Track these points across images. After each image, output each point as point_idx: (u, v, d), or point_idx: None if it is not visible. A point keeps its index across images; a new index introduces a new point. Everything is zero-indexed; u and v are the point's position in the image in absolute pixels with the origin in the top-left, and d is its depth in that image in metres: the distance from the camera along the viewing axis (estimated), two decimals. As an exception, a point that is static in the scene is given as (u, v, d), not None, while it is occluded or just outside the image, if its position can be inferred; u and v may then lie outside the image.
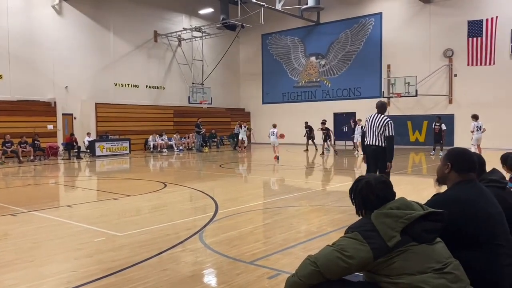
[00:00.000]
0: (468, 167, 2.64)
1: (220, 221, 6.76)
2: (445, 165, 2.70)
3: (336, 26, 27.46)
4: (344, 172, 14.74)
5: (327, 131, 20.45)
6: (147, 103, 25.90)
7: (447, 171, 2.69)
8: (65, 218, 7.23)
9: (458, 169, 2.64)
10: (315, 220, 6.76)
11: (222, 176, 13.34)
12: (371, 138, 7.27)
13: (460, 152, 2.73)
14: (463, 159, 2.67)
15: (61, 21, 22.16)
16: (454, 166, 2.65)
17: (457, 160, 2.66)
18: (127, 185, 11.69)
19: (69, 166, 17.29)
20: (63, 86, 22.06)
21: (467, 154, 2.71)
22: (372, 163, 7.40)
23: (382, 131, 7.16)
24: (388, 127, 7.14)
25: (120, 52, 24.72)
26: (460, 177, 2.63)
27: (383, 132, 7.16)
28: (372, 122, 7.29)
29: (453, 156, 2.71)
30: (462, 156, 2.68)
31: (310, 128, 22.16)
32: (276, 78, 30.56)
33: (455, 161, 2.66)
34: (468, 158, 2.67)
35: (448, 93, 23.17)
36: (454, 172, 2.65)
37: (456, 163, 2.65)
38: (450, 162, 2.68)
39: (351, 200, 2.47)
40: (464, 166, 2.64)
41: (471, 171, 2.64)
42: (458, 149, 2.78)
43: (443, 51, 23.17)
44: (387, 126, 7.15)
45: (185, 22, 28.15)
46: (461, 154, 2.71)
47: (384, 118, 7.24)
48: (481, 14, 21.73)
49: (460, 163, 2.65)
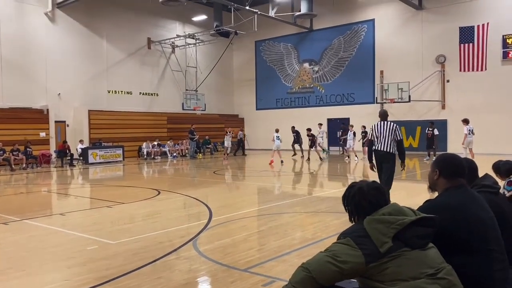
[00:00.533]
0: (456, 172, 2.64)
1: (214, 228, 6.74)
2: (433, 171, 2.72)
3: (329, 33, 27.63)
4: (338, 178, 14.76)
5: (312, 138, 20.64)
6: (141, 110, 25.84)
7: (436, 178, 2.70)
8: (58, 226, 7.17)
9: (447, 175, 2.65)
10: (310, 226, 6.76)
11: (216, 183, 13.31)
12: (381, 144, 7.66)
13: (448, 158, 2.74)
14: (451, 165, 2.67)
15: (54, 28, 22.12)
16: (443, 172, 2.66)
17: (445, 166, 2.67)
18: (120, 192, 11.63)
19: (61, 174, 17.18)
20: (56, 93, 21.96)
21: (455, 159, 2.72)
22: (380, 167, 7.82)
23: (392, 137, 7.62)
24: (397, 132, 7.66)
25: (113, 59, 24.68)
26: (449, 183, 2.64)
27: (393, 137, 7.62)
28: (380, 129, 7.70)
29: (441, 162, 2.72)
30: (449, 162, 2.69)
31: (297, 133, 22.24)
32: (270, 84, 30.65)
33: (443, 167, 2.67)
34: (456, 164, 2.68)
35: (441, 99, 23.34)
36: (443, 178, 2.66)
37: (444, 169, 2.66)
38: (438, 168, 2.69)
39: (344, 206, 2.47)
40: (453, 172, 2.65)
41: (460, 176, 2.64)
42: (446, 155, 2.80)
43: (436, 57, 23.36)
44: (396, 131, 7.65)
45: (179, 29, 28.19)
46: (449, 160, 2.72)
47: (392, 124, 7.74)
48: (472, 21, 21.97)
49: (448, 169, 2.66)
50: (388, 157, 7.62)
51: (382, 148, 7.65)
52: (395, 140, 7.60)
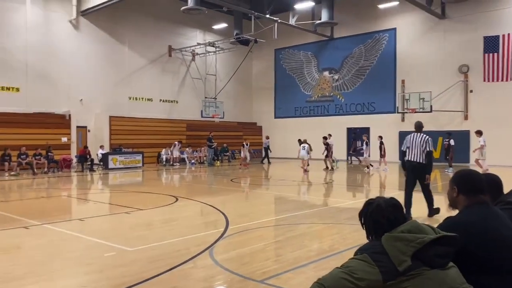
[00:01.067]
0: (475, 189, 2.55)
1: (231, 237, 6.71)
2: (452, 188, 2.64)
3: (349, 41, 27.49)
4: (357, 189, 14.58)
5: (327, 146, 20.54)
6: (161, 116, 26.11)
7: (455, 195, 2.62)
8: (77, 231, 7.25)
9: (466, 191, 2.57)
10: (327, 238, 6.67)
11: (233, 191, 13.30)
12: (414, 155, 8.06)
13: (466, 174, 2.66)
14: (469, 181, 2.58)
15: (78, 35, 22.60)
16: (461, 189, 2.58)
17: (463, 182, 2.59)
18: (139, 198, 11.72)
19: (82, 179, 17.44)
20: (78, 99, 22.38)
21: (473, 175, 2.63)
22: (411, 177, 8.20)
23: (424, 148, 7.99)
24: (428, 144, 8.03)
25: (134, 66, 25.06)
26: (469, 200, 2.55)
27: (424, 149, 7.98)
28: (414, 141, 8.11)
29: (458, 178, 2.63)
30: (468, 178, 2.60)
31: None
32: (289, 92, 30.62)
33: (461, 184, 2.59)
34: (475, 180, 2.59)
35: (463, 109, 22.91)
36: (462, 195, 2.58)
37: (463, 186, 2.58)
38: (456, 185, 2.61)
39: (361, 224, 2.42)
40: (472, 189, 2.56)
41: (480, 193, 2.55)
42: (464, 171, 2.71)
43: (458, 67, 22.98)
44: (428, 143, 8.04)
45: (199, 37, 28.47)
46: (467, 176, 2.63)
47: (425, 136, 8.10)
48: (497, 30, 21.57)
49: (466, 186, 2.57)
50: (421, 168, 7.98)
51: (414, 158, 8.04)
52: (426, 151, 7.92)
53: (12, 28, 20.18)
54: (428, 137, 8.08)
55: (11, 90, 20.17)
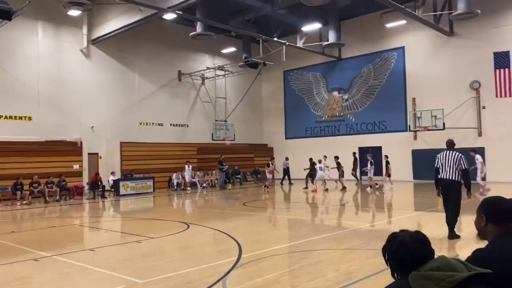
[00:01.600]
0: (505, 217, 2.36)
1: (244, 266, 6.49)
2: (480, 217, 2.44)
3: (358, 61, 27.48)
4: (372, 210, 14.26)
5: (338, 166, 20.64)
6: (172, 141, 26.14)
7: (483, 224, 2.43)
8: (87, 263, 7.09)
9: (495, 220, 2.37)
10: (344, 265, 6.40)
11: (245, 216, 13.07)
12: (447, 173, 8.06)
13: (494, 201, 2.46)
14: (498, 209, 2.39)
15: (89, 63, 22.92)
16: (490, 218, 2.39)
17: (492, 211, 2.40)
18: (150, 226, 11.57)
19: (93, 206, 17.36)
20: (89, 126, 22.53)
21: (502, 202, 2.44)
22: (445, 194, 8.22)
23: (457, 166, 8.00)
24: (462, 161, 8.02)
25: (145, 92, 25.27)
26: (499, 230, 2.35)
27: (458, 166, 7.99)
28: (446, 158, 8.14)
29: (486, 206, 2.44)
30: (496, 206, 2.41)
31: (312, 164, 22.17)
32: (299, 113, 30.55)
33: (489, 212, 2.40)
34: (505, 207, 2.39)
35: (477, 126, 22.55)
36: (491, 225, 2.39)
37: (491, 214, 2.39)
38: (484, 213, 2.42)
39: (385, 260, 2.22)
40: (501, 217, 2.36)
41: (511, 221, 2.36)
42: (492, 198, 2.52)
43: (470, 83, 22.74)
44: (461, 160, 8.03)
45: (208, 61, 28.71)
46: (495, 203, 2.44)
47: (458, 154, 8.12)
48: (507, 46, 21.35)
49: (495, 214, 2.38)
50: (453, 186, 7.99)
51: (447, 176, 8.03)
52: (460, 169, 7.94)
53: (25, 58, 20.53)
54: (461, 154, 8.09)
55: (24, 119, 20.38)
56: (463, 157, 8.08)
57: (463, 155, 8.11)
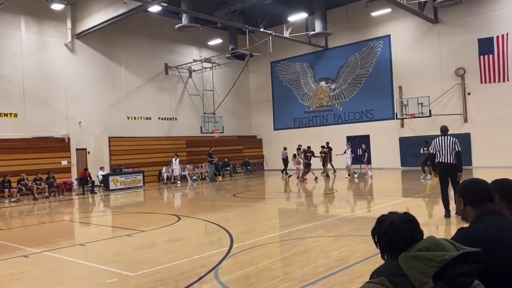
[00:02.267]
0: (482, 198, 2.42)
1: (236, 256, 6.53)
2: (459, 201, 2.51)
3: (344, 50, 27.53)
4: (360, 197, 14.40)
5: (325, 155, 20.88)
6: (160, 134, 26.01)
7: (462, 207, 2.50)
8: (78, 258, 7.07)
9: (472, 202, 2.44)
10: (335, 252, 6.48)
11: (236, 207, 13.11)
12: (444, 157, 8.71)
13: (469, 184, 2.53)
14: (473, 191, 2.46)
15: (74, 58, 22.62)
16: (467, 201, 2.46)
17: (468, 193, 2.47)
18: (140, 219, 11.54)
19: (83, 202, 17.25)
20: (77, 122, 22.29)
21: (476, 184, 2.50)
22: (444, 178, 8.84)
23: (453, 149, 8.66)
24: (457, 145, 8.72)
25: (132, 86, 25.04)
26: (478, 211, 2.42)
27: (453, 149, 8.66)
28: (442, 143, 8.78)
29: (463, 189, 2.52)
30: (472, 188, 2.49)
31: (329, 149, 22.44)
32: (287, 104, 30.58)
33: (465, 195, 2.47)
34: (479, 189, 2.46)
35: (462, 112, 22.81)
36: (470, 207, 2.45)
37: (468, 197, 2.46)
38: (461, 197, 2.49)
39: (375, 243, 2.25)
40: (478, 199, 2.43)
41: (488, 201, 2.42)
42: (467, 182, 2.58)
43: (455, 70, 22.96)
44: (456, 144, 8.72)
45: (195, 53, 28.52)
46: (471, 186, 2.51)
47: (452, 138, 8.80)
48: (491, 32, 21.59)
49: (472, 197, 2.44)
50: (453, 168, 8.61)
51: (445, 160, 8.68)
52: (454, 152, 8.62)
53: (8, 54, 20.18)
54: (455, 138, 8.78)
55: (9, 116, 20.09)
56: (457, 141, 8.74)
57: (457, 139, 8.75)
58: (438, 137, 8.91)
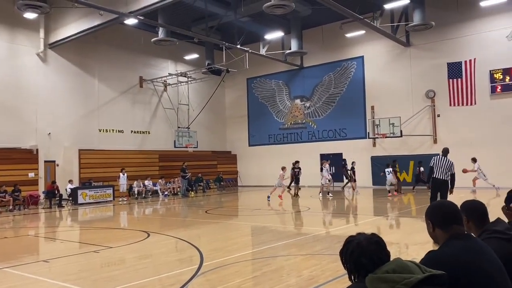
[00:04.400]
0: (450, 220, 2.44)
1: (206, 274, 6.41)
2: (427, 223, 2.53)
3: (319, 70, 27.99)
4: (334, 215, 14.47)
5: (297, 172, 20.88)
6: (132, 148, 25.60)
7: (431, 230, 2.51)
8: (40, 275, 6.79)
9: (440, 225, 2.45)
10: (306, 271, 6.44)
11: (208, 223, 12.94)
12: (440, 174, 10.02)
13: (437, 206, 2.55)
14: (441, 213, 2.47)
15: (46, 68, 22.15)
16: (435, 223, 2.47)
17: (435, 216, 2.48)
18: (108, 235, 11.24)
19: (49, 216, 16.71)
20: (46, 133, 21.73)
21: (444, 206, 2.52)
22: (434, 192, 10.17)
23: (449, 170, 10.01)
24: (453, 167, 10.15)
25: (105, 98, 24.66)
26: (447, 233, 2.43)
27: (449, 170, 10.02)
28: (441, 162, 10.10)
29: (430, 212, 2.53)
30: (439, 211, 2.50)
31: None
32: (262, 120, 30.72)
33: (433, 217, 2.49)
34: (446, 211, 2.47)
35: (432, 133, 23.43)
36: (438, 229, 2.47)
37: (436, 219, 2.47)
38: (430, 219, 2.50)
39: (342, 264, 2.24)
40: (445, 221, 2.44)
41: (455, 223, 2.44)
42: (435, 204, 2.60)
43: (425, 92, 23.63)
44: (452, 166, 10.15)
45: (171, 67, 28.42)
46: (438, 208, 2.52)
47: (450, 160, 10.16)
48: (459, 56, 22.39)
49: (439, 219, 2.46)
50: (445, 185, 9.96)
51: (440, 177, 9.98)
52: (450, 172, 10.00)
53: (-24, 61, 19.61)
54: (452, 161, 10.16)
55: (-26, 125, 19.41)
56: (453, 163, 10.17)
57: (453, 162, 10.20)
58: (438, 156, 10.25)
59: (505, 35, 21.39)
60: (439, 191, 10.03)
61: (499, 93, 21.52)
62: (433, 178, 10.11)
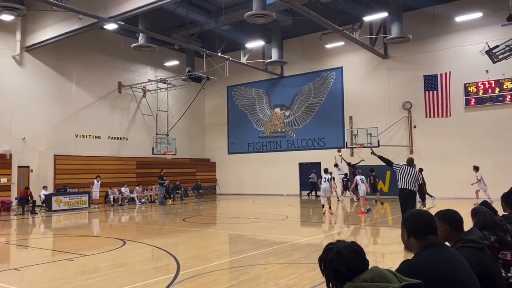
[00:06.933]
0: (425, 230, 2.49)
1: (182, 283, 6.32)
2: (403, 232, 2.57)
3: (299, 79, 28.23)
4: (311, 224, 14.51)
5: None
6: (109, 154, 25.19)
7: (406, 238, 2.55)
8: (10, 283, 6.58)
9: (415, 234, 2.50)
10: (283, 280, 6.43)
11: (185, 231, 12.80)
12: (405, 184, 9.63)
13: (413, 216, 2.59)
14: (416, 223, 2.52)
15: (22, 71, 21.69)
16: (411, 232, 2.52)
17: (411, 225, 2.53)
18: (83, 243, 11.00)
19: (22, 222, 16.25)
20: (20, 138, 21.21)
21: (420, 216, 2.56)
22: (403, 201, 9.78)
23: (415, 179, 9.73)
24: (419, 177, 10.39)
25: (82, 103, 24.26)
26: (421, 243, 2.48)
27: (415, 180, 9.75)
28: (405, 172, 9.69)
29: (406, 221, 2.58)
30: (414, 221, 2.54)
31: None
32: (242, 128, 30.72)
33: (409, 226, 2.53)
34: (422, 221, 2.52)
35: (409, 144, 23.85)
36: (413, 238, 2.51)
37: (412, 229, 2.52)
38: (405, 228, 2.55)
39: (321, 271, 2.24)
40: (420, 231, 2.49)
41: (430, 233, 2.49)
42: (410, 213, 2.65)
43: (402, 104, 24.09)
44: (419, 176, 10.17)
45: (150, 73, 28.21)
46: (414, 218, 2.57)
47: (415, 170, 9.92)
48: (435, 69, 22.93)
49: (415, 229, 2.51)
50: (411, 195, 9.66)
51: (406, 186, 9.61)
52: (417, 182, 9.82)
53: None
54: (418, 171, 10.09)
55: None
56: (419, 173, 10.38)
57: (419, 172, 10.51)
58: (404, 166, 9.81)
59: (479, 50, 22.01)
60: (406, 202, 9.63)
61: (472, 106, 22.12)
62: (399, 189, 9.78)
